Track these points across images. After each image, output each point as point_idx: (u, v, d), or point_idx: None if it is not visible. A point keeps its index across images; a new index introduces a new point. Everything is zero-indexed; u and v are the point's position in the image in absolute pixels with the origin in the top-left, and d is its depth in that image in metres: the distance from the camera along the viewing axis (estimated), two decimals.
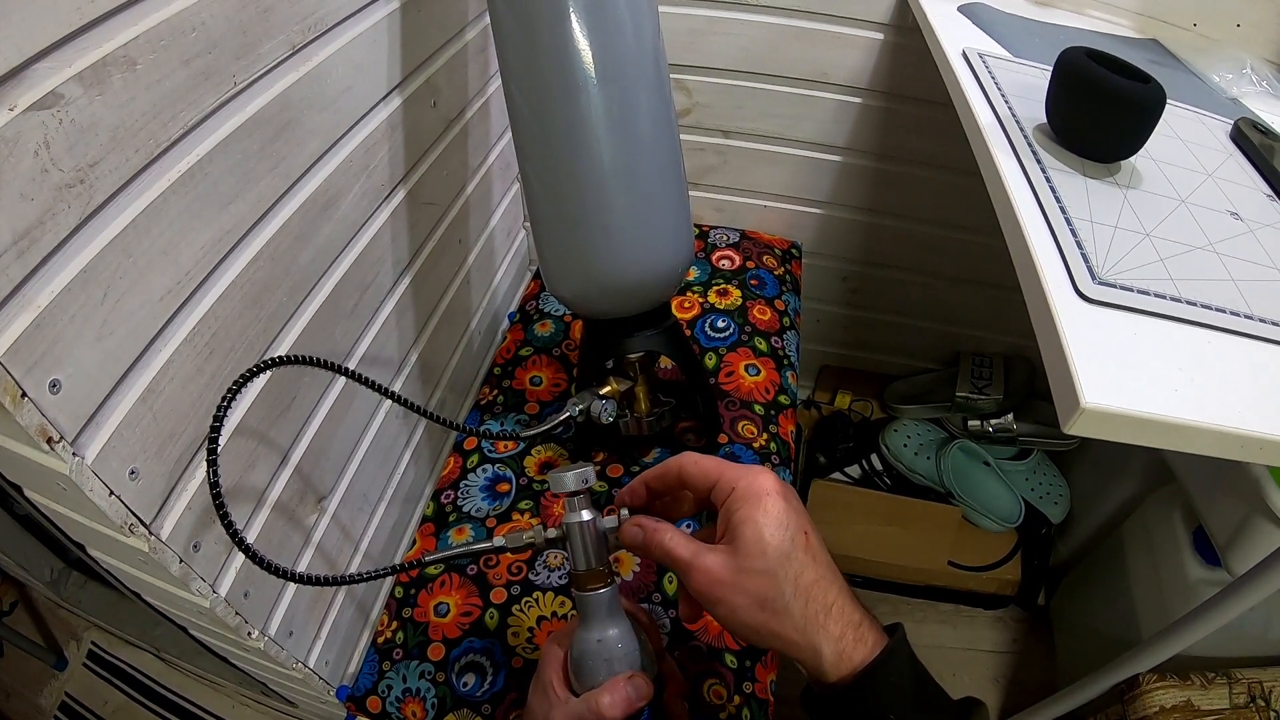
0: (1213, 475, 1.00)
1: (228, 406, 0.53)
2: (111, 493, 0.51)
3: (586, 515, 0.56)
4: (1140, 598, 1.13)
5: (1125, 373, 0.43)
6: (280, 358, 0.59)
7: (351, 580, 0.57)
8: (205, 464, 0.54)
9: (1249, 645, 0.99)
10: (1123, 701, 0.98)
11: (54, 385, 0.46)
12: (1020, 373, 1.43)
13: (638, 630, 0.56)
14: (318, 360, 0.62)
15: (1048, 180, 0.59)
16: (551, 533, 0.58)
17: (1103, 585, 1.24)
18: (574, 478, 0.55)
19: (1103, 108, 0.59)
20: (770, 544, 0.47)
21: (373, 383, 0.65)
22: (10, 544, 1.20)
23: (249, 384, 0.56)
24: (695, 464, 0.53)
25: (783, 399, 1.08)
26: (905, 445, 1.45)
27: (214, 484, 0.52)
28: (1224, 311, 0.49)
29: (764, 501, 0.49)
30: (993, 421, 1.42)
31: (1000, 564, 1.37)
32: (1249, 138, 0.72)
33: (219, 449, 0.53)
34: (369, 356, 0.83)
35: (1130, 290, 0.49)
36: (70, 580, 1.30)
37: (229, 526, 0.53)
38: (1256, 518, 0.90)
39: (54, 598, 1.32)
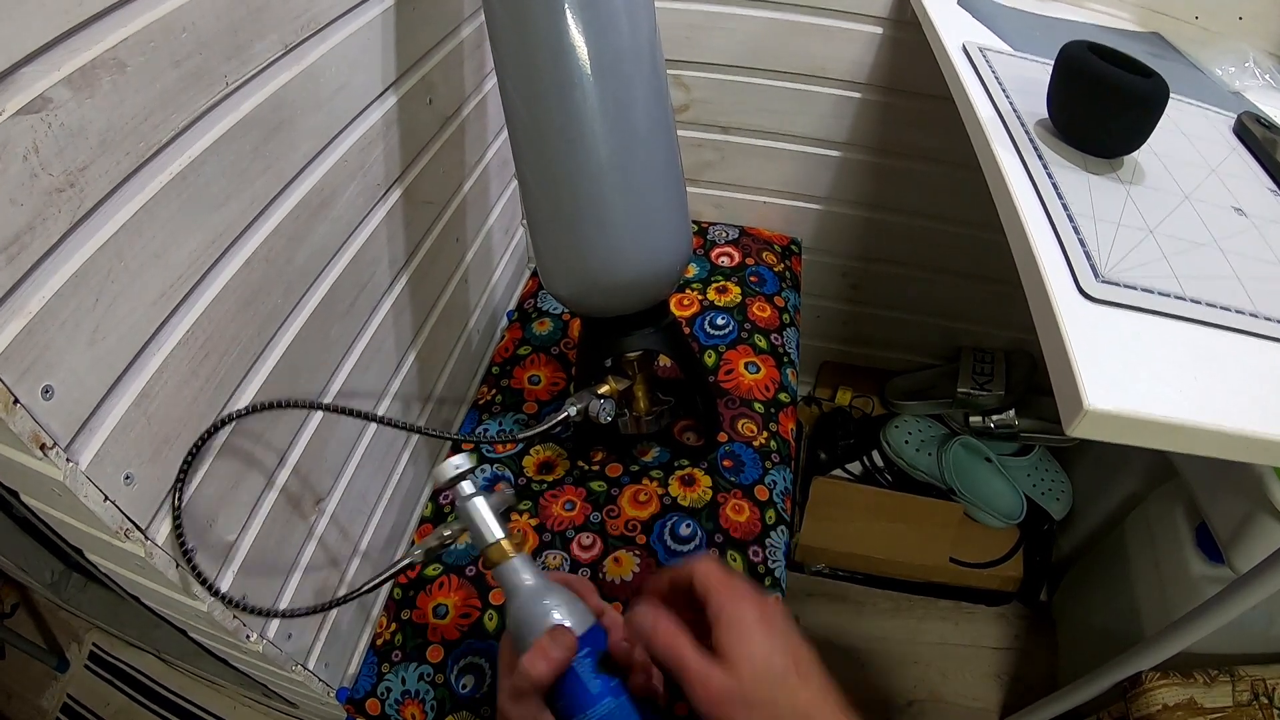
0: (1215, 472, 1.00)
1: (191, 464, 0.56)
2: (106, 498, 0.51)
3: (472, 494, 0.59)
4: (1142, 594, 1.12)
5: (1129, 373, 0.43)
6: (245, 410, 0.61)
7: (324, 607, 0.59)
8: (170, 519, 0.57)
9: (1252, 642, 0.98)
10: (1125, 699, 0.97)
11: (46, 391, 0.45)
12: (1021, 368, 1.42)
13: (560, 589, 0.56)
14: (287, 403, 0.64)
15: (1049, 176, 0.58)
16: (454, 525, 0.62)
17: (1105, 581, 1.24)
18: (450, 465, 0.59)
19: (1105, 102, 0.59)
20: (761, 671, 0.48)
21: (353, 411, 0.66)
22: (10, 546, 1.19)
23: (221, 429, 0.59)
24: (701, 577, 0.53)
25: (783, 397, 1.07)
26: (906, 442, 1.45)
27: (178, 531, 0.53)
28: (1229, 310, 0.49)
29: (748, 634, 0.50)
30: (994, 417, 1.42)
31: (1002, 560, 1.37)
32: (1252, 132, 0.71)
33: (182, 508, 0.56)
34: (366, 357, 0.83)
35: (1134, 288, 0.48)
36: (71, 582, 1.29)
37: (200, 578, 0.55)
38: (1260, 514, 0.90)
39: (55, 600, 1.32)
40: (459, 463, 0.59)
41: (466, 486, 0.60)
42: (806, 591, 1.45)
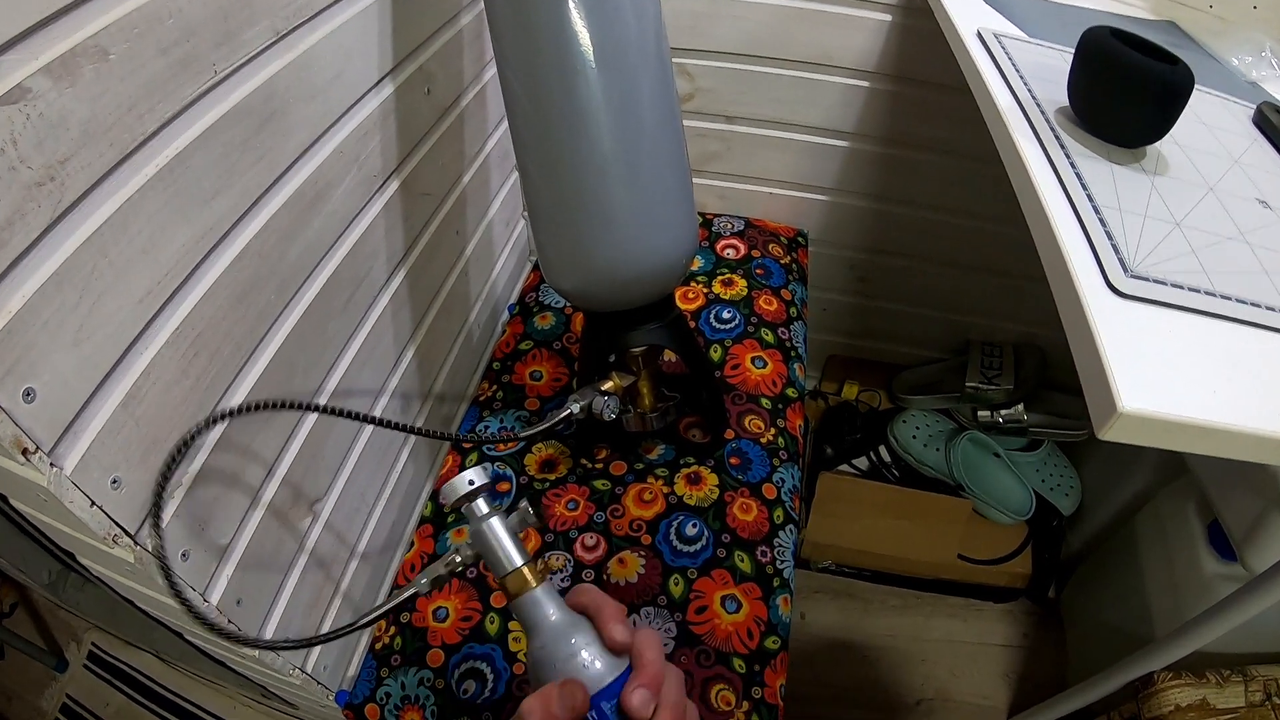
0: (1229, 469, 0.98)
1: (175, 465, 0.52)
2: (93, 503, 0.49)
3: (488, 514, 0.53)
4: (1153, 592, 1.10)
5: (1162, 373, 0.41)
6: (233, 409, 0.57)
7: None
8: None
9: (1264, 641, 0.97)
10: (1137, 699, 0.95)
11: (28, 394, 0.44)
12: (1031, 362, 1.40)
13: (586, 626, 0.50)
14: (279, 404, 0.59)
15: (1072, 166, 0.56)
16: (466, 549, 0.55)
17: (1115, 579, 1.22)
18: (461, 481, 0.53)
19: (1130, 90, 0.56)
20: None
21: (347, 412, 0.62)
22: (6, 546, 1.18)
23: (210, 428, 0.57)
24: None
25: (790, 392, 1.05)
26: (914, 437, 1.43)
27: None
28: (1259, 306, 0.47)
29: None
30: (1003, 412, 1.40)
31: (1010, 557, 1.35)
32: (1273, 122, 0.70)
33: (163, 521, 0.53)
34: (363, 353, 0.81)
35: (1164, 284, 0.46)
36: (68, 582, 1.27)
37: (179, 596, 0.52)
38: (1274, 512, 0.88)
39: (53, 599, 1.31)
40: (473, 478, 0.53)
41: (481, 505, 0.53)
42: (813, 588, 1.43)
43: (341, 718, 0.81)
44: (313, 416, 0.73)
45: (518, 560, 0.52)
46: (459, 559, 0.56)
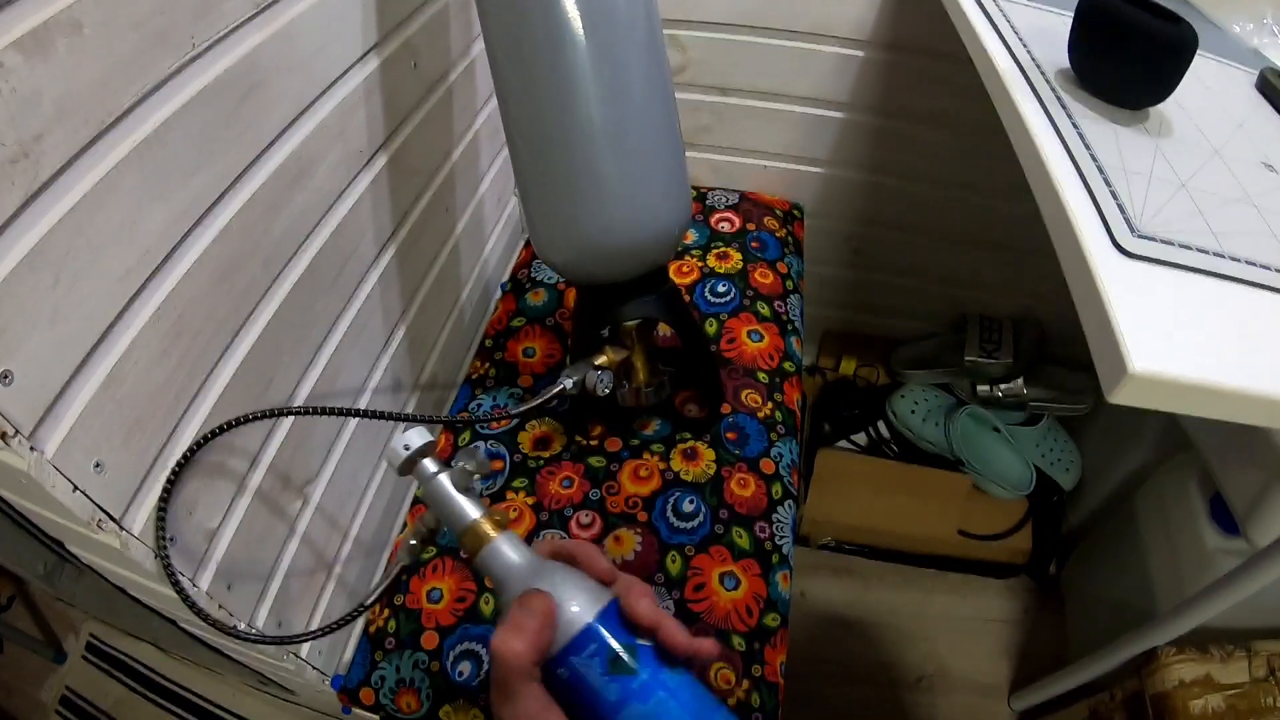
0: (1231, 441, 0.97)
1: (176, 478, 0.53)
2: (76, 488, 0.48)
3: (436, 472, 0.49)
4: (1155, 567, 1.10)
5: (1172, 334, 0.40)
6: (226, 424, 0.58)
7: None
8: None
9: (1268, 616, 0.97)
10: (1140, 675, 0.95)
11: (5, 377, 0.43)
12: (1029, 336, 1.39)
13: (559, 566, 0.46)
14: (259, 415, 0.61)
15: (1075, 127, 0.55)
16: (429, 517, 0.52)
17: (1115, 554, 1.22)
18: (398, 447, 0.49)
19: (1133, 49, 0.55)
20: None
21: (333, 410, 0.61)
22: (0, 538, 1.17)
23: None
24: None
25: (787, 365, 1.04)
26: (913, 412, 1.42)
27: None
28: (1269, 269, 0.46)
29: None
30: (1002, 386, 1.39)
31: (1010, 533, 1.35)
32: (1277, 88, 0.69)
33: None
34: (353, 332, 0.80)
35: (1172, 244, 0.45)
36: (64, 574, 1.26)
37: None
38: (1277, 485, 0.87)
39: (49, 591, 1.30)
40: (410, 440, 0.49)
41: (428, 465, 0.49)
42: (813, 566, 1.43)
43: (337, 702, 0.80)
44: (303, 393, 0.72)
45: (472, 514, 0.48)
46: (425, 528, 0.54)
